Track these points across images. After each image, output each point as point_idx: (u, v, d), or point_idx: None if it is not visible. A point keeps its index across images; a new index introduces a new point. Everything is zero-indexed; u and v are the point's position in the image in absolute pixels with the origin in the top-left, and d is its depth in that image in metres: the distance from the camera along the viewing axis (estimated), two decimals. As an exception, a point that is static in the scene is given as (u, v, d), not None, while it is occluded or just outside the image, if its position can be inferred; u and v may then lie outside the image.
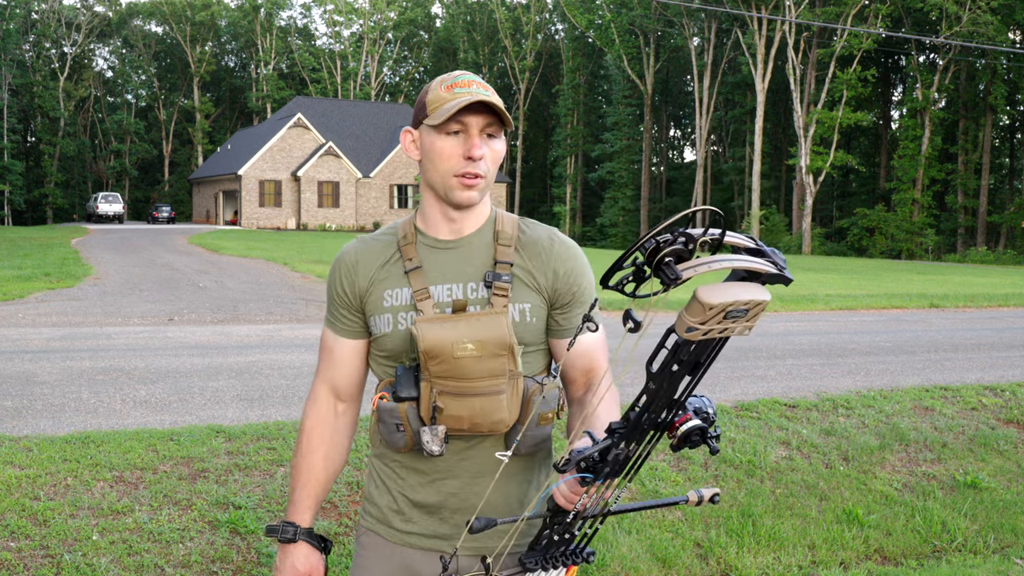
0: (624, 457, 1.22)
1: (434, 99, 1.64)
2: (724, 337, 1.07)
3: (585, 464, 1.22)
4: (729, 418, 6.16)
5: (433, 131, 1.65)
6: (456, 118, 1.62)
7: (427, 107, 1.65)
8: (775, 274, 1.05)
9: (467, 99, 1.59)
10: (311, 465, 1.81)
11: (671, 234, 1.04)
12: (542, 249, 1.72)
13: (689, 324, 1.00)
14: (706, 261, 1.03)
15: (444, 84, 1.65)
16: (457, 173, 1.65)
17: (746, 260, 1.05)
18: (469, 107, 1.61)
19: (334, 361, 1.82)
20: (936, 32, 45.30)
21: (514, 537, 1.65)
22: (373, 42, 67.77)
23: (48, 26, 64.15)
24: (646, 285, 1.07)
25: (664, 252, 1.03)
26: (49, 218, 63.02)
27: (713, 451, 1.24)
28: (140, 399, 6.27)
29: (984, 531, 5.08)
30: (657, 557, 4.36)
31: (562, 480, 1.35)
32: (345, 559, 3.95)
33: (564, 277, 1.72)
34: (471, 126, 1.63)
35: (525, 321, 1.68)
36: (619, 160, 58.24)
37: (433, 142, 1.66)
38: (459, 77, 1.65)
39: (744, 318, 1.01)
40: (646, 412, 1.16)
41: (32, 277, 16.46)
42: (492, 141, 1.67)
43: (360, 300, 1.75)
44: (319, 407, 1.83)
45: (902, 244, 45.44)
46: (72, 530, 3.87)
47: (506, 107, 1.90)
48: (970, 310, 15.21)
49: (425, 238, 1.73)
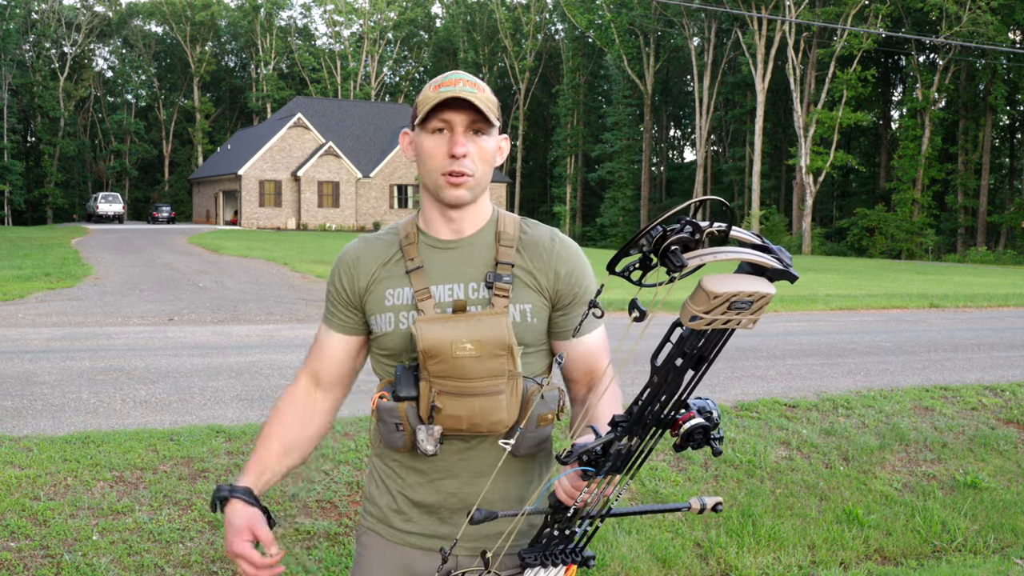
0: (626, 452, 1.22)
1: (423, 99, 1.65)
2: (728, 329, 1.06)
3: (587, 458, 1.23)
4: (729, 418, 6.16)
5: (421, 130, 1.66)
6: (438, 116, 1.63)
7: (417, 107, 1.67)
8: (780, 270, 1.05)
9: (447, 94, 1.60)
10: (267, 439, 1.80)
11: (678, 223, 1.04)
12: (543, 250, 1.72)
13: (693, 313, 1.01)
14: (712, 251, 1.03)
15: (433, 84, 1.65)
16: (443, 172, 1.65)
17: (752, 254, 1.05)
18: (450, 105, 1.61)
19: (322, 353, 1.82)
20: (936, 32, 45.29)
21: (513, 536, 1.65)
22: (373, 42, 67.77)
23: (48, 26, 64.13)
24: (652, 274, 1.06)
25: (671, 240, 1.03)
26: (49, 218, 63.01)
27: (716, 452, 1.24)
28: (140, 399, 6.27)
29: (984, 531, 5.08)
30: (657, 557, 4.36)
31: (563, 473, 1.35)
32: (345, 559, 3.95)
33: (566, 278, 1.72)
34: (455, 124, 1.63)
35: (526, 322, 1.68)
36: (619, 160, 58.24)
37: (421, 141, 1.67)
38: (448, 76, 1.65)
39: (748, 310, 1.01)
40: (649, 406, 1.16)
41: (32, 277, 16.47)
42: (480, 138, 1.66)
43: (359, 298, 1.75)
44: (294, 390, 1.84)
45: (902, 244, 45.43)
46: (72, 530, 3.87)
47: (506, 107, 1.89)
48: (970, 310, 15.21)
49: (427, 238, 1.74)
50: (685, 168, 68.28)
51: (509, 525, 1.68)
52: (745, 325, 1.04)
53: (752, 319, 1.03)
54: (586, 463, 1.23)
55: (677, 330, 1.10)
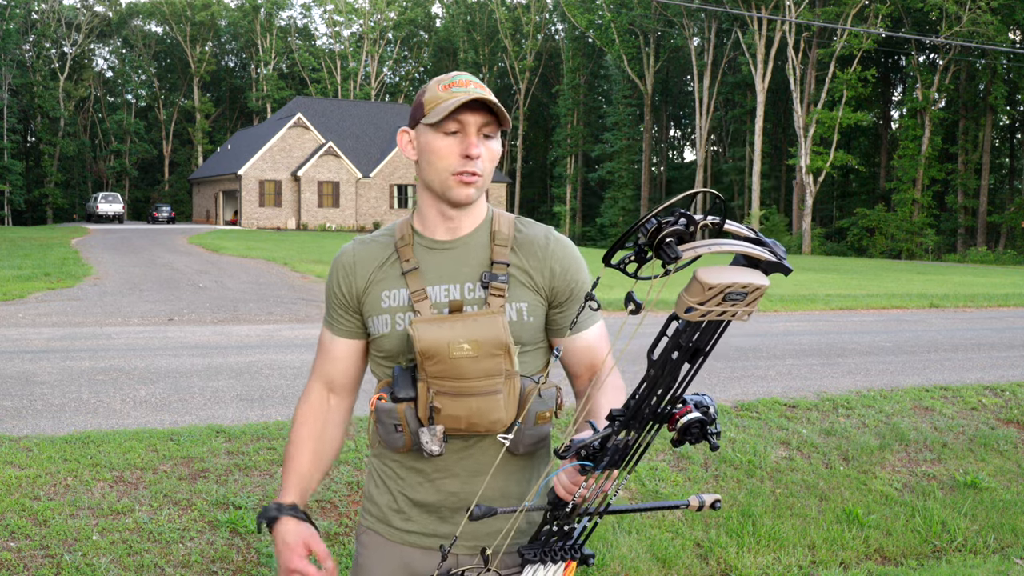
0: (624, 446, 1.23)
1: (431, 98, 1.65)
2: (723, 321, 1.08)
3: (585, 452, 1.23)
4: (729, 418, 6.16)
5: (430, 130, 1.66)
6: (454, 117, 1.63)
7: (424, 106, 1.66)
8: (774, 262, 1.06)
9: (465, 97, 1.60)
10: (299, 452, 1.82)
11: (672, 215, 1.06)
12: (538, 248, 1.73)
13: (689, 304, 1.02)
14: (706, 243, 1.04)
15: (441, 84, 1.65)
16: (455, 172, 1.65)
17: (746, 246, 1.06)
18: (467, 106, 1.62)
19: (330, 359, 1.83)
20: (936, 32, 45.29)
21: (512, 534, 1.66)
22: (373, 42, 67.77)
23: (48, 26, 64.13)
24: (647, 267, 1.08)
25: (665, 232, 1.04)
26: (49, 218, 63.01)
27: (713, 447, 1.25)
28: (140, 399, 6.27)
29: (984, 531, 5.08)
30: (657, 557, 4.36)
31: (562, 468, 1.35)
32: (345, 559, 3.95)
33: (561, 275, 1.73)
34: (469, 125, 1.64)
35: (522, 320, 1.69)
36: (619, 160, 58.24)
37: (431, 141, 1.66)
38: (456, 77, 1.65)
39: (743, 302, 1.02)
40: (646, 400, 1.16)
41: (32, 277, 16.47)
42: (489, 141, 1.67)
43: (357, 301, 1.76)
44: (311, 399, 1.85)
45: (902, 244, 45.43)
46: (72, 530, 3.87)
47: (506, 107, 1.90)
48: (970, 310, 15.21)
49: (422, 239, 1.74)
50: (685, 168, 68.27)
51: (508, 523, 1.69)
52: (740, 316, 1.04)
53: (747, 311, 1.04)
54: (584, 458, 1.24)
55: (673, 323, 1.10)
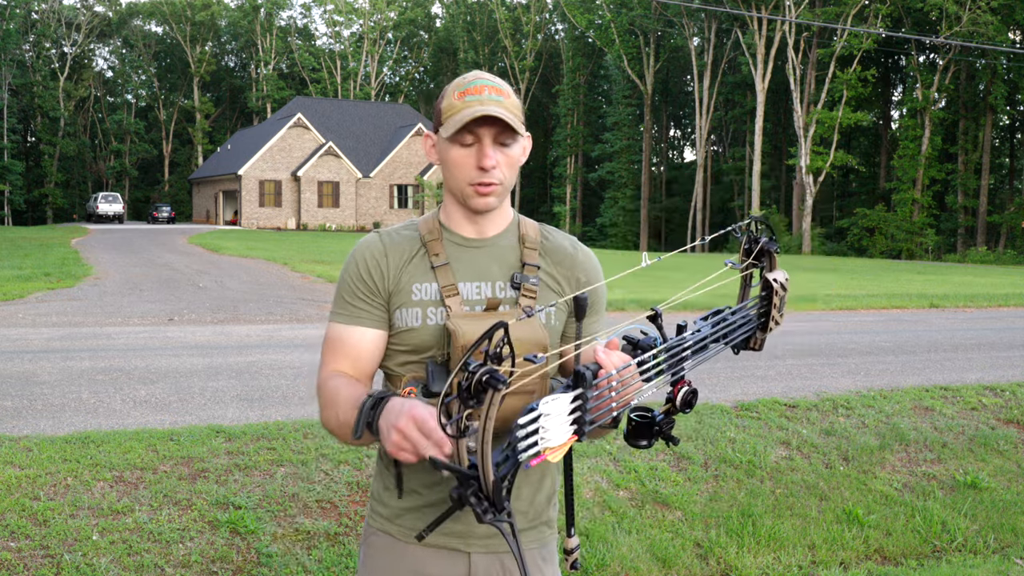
0: (677, 360, 1.38)
1: (448, 107, 1.65)
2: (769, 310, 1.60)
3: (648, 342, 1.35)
4: (729, 418, 6.16)
5: (446, 141, 1.66)
6: (468, 129, 1.63)
7: (442, 114, 1.66)
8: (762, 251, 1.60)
9: (472, 113, 1.59)
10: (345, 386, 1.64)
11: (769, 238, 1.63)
12: (566, 256, 1.77)
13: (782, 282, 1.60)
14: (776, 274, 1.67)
15: (457, 91, 1.64)
16: (472, 183, 1.66)
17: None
18: (480, 121, 1.61)
19: (347, 353, 1.70)
20: (936, 32, 45.28)
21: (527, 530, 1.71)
22: (373, 42, 67.75)
23: (48, 26, 64.11)
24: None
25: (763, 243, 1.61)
26: (49, 218, 62.99)
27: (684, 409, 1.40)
28: (140, 399, 6.27)
29: (984, 531, 5.08)
30: (657, 557, 4.36)
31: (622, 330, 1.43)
32: (345, 559, 3.95)
33: (586, 285, 1.76)
34: (483, 136, 1.64)
35: (549, 324, 1.72)
36: (619, 160, 58.23)
37: (447, 152, 1.67)
38: (472, 83, 1.64)
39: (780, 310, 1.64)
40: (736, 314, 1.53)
41: (32, 277, 16.47)
42: (506, 148, 1.67)
43: (387, 291, 1.71)
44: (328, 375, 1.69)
45: (902, 244, 45.43)
46: (72, 530, 3.87)
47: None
48: (970, 310, 15.21)
49: (451, 235, 1.74)
50: (685, 168, 68.26)
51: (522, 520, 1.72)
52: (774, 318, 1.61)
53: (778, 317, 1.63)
54: (644, 347, 1.33)
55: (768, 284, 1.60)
